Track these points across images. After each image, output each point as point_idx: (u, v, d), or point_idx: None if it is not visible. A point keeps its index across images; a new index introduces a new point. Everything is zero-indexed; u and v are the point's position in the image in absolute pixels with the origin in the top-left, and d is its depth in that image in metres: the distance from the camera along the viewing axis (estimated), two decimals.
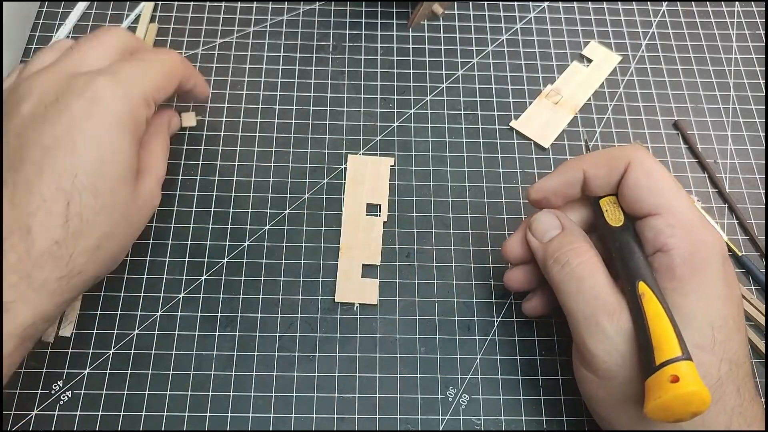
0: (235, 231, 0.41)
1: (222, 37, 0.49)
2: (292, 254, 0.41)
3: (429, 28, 0.50)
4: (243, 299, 0.39)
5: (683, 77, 0.49)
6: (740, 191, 0.44)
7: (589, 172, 0.33)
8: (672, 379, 0.26)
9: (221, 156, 0.44)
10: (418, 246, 0.41)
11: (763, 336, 0.39)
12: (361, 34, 0.49)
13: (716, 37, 0.51)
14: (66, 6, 0.49)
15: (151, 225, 0.41)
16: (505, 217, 0.43)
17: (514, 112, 0.46)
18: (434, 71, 0.48)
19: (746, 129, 0.47)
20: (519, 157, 0.45)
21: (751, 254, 0.42)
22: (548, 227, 0.34)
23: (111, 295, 0.39)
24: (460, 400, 0.37)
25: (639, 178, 0.32)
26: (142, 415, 0.36)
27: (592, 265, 0.31)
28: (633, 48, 0.50)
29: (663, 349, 0.27)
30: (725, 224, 0.43)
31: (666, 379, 0.26)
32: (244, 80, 0.47)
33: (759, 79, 0.49)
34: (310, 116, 0.46)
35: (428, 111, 0.46)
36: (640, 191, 0.32)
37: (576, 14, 0.51)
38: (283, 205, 0.42)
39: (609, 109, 0.47)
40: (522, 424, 0.36)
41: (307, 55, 0.48)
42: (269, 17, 0.50)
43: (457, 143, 0.45)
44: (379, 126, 0.46)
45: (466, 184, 0.44)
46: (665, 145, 0.46)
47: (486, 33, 0.50)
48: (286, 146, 0.44)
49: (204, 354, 0.38)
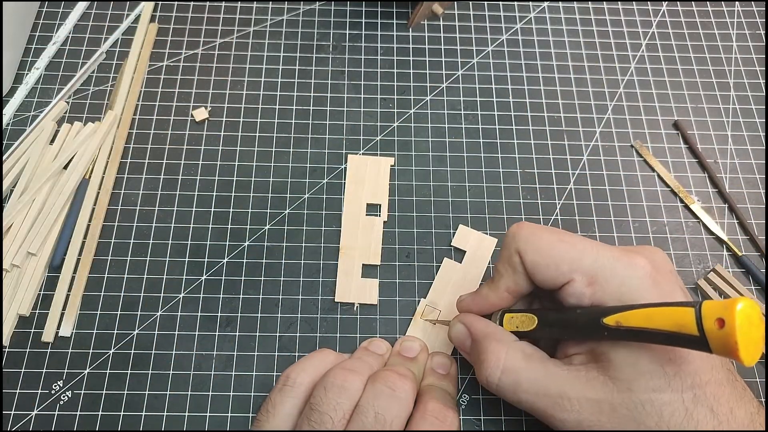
0: (235, 231, 0.41)
1: (222, 37, 0.49)
2: (292, 254, 0.41)
3: (429, 28, 0.50)
4: (243, 299, 0.39)
5: (683, 77, 0.49)
6: (740, 191, 0.44)
7: (510, 287, 0.33)
8: (719, 325, 0.24)
9: (221, 156, 0.44)
10: (418, 246, 0.41)
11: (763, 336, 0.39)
12: (361, 34, 0.49)
13: (716, 37, 0.51)
14: (66, 6, 0.49)
15: (151, 225, 0.41)
16: (505, 217, 0.43)
17: (514, 112, 0.46)
18: (434, 71, 0.48)
19: (746, 129, 0.47)
20: (519, 157, 0.45)
21: (751, 254, 0.42)
22: (462, 337, 0.35)
23: (111, 295, 0.39)
24: (460, 401, 0.37)
25: (534, 262, 0.31)
26: (142, 415, 0.36)
27: (514, 368, 0.31)
28: (633, 48, 0.50)
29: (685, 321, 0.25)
30: (725, 224, 0.43)
31: (716, 329, 0.24)
32: (244, 80, 0.47)
33: (759, 79, 0.49)
34: (310, 116, 0.46)
35: (428, 111, 0.46)
36: (542, 272, 0.31)
37: (576, 14, 0.51)
38: (283, 205, 0.42)
39: (609, 109, 0.47)
40: (522, 424, 0.36)
41: (307, 55, 0.48)
42: (269, 17, 0.50)
43: (457, 143, 0.45)
44: (379, 126, 0.46)
45: (466, 184, 0.44)
46: (665, 145, 0.46)
47: (486, 33, 0.50)
48: (286, 146, 0.44)
49: (204, 354, 0.38)
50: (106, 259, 0.40)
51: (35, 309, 0.39)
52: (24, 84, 0.46)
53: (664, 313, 0.26)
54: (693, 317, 0.25)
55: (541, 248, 0.31)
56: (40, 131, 0.44)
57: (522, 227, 0.33)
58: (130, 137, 0.44)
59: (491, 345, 0.32)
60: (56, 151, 0.43)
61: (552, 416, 0.30)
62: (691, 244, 0.42)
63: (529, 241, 0.32)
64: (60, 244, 0.40)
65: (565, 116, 0.47)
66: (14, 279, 0.39)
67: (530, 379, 0.31)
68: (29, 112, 0.45)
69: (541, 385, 0.30)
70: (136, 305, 0.39)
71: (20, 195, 0.41)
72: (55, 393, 0.36)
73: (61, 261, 0.40)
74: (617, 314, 0.28)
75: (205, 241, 0.41)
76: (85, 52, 0.47)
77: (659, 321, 0.26)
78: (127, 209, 0.42)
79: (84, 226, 0.41)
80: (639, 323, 0.27)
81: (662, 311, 0.26)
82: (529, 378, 0.31)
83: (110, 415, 0.36)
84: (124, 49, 0.48)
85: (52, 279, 0.39)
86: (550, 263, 0.31)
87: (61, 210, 0.41)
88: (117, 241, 0.41)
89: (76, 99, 0.46)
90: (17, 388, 0.36)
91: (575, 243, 0.31)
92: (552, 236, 0.32)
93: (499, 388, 0.31)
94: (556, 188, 0.44)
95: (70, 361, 0.37)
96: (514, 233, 0.33)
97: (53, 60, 0.47)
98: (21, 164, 0.42)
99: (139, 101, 0.46)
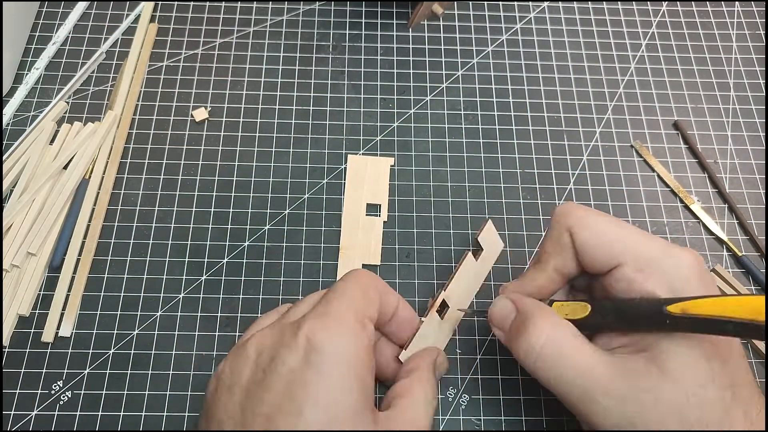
0: (235, 231, 0.41)
1: (222, 37, 0.49)
2: (292, 254, 0.41)
3: (429, 28, 0.50)
4: (243, 299, 0.39)
5: (683, 77, 0.49)
6: (740, 191, 0.44)
7: (558, 266, 0.32)
8: None
9: (221, 156, 0.44)
10: (418, 246, 0.41)
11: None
12: (361, 34, 0.49)
13: (716, 37, 0.51)
14: (66, 6, 0.49)
15: (151, 225, 0.41)
16: (505, 217, 0.43)
17: (514, 112, 0.46)
18: (434, 71, 0.48)
19: (746, 129, 0.47)
20: (519, 157, 0.45)
21: (751, 254, 0.42)
22: (505, 313, 0.33)
23: (111, 295, 0.39)
24: (460, 400, 0.37)
25: (586, 241, 0.31)
26: (142, 415, 0.36)
27: (558, 341, 0.30)
28: (633, 48, 0.50)
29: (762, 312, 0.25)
30: (725, 224, 0.43)
31: None
32: (244, 80, 0.47)
33: (759, 79, 0.49)
34: (310, 116, 0.46)
35: (428, 111, 0.46)
36: (592, 253, 0.31)
37: (576, 14, 0.51)
38: (283, 205, 0.42)
39: (609, 109, 0.47)
40: (522, 424, 0.36)
41: (307, 55, 0.48)
42: (269, 17, 0.50)
43: (457, 143, 0.45)
44: (379, 126, 0.46)
45: (466, 184, 0.44)
46: (665, 145, 0.46)
47: (486, 33, 0.50)
48: (286, 146, 0.44)
49: (204, 354, 0.38)
50: (106, 259, 0.40)
51: (35, 309, 0.39)
52: (24, 84, 0.46)
53: (740, 302, 0.26)
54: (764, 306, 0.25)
55: (594, 229, 0.31)
56: (40, 131, 0.44)
57: (573, 207, 0.32)
58: (130, 137, 0.44)
59: (537, 315, 0.31)
60: (56, 151, 0.43)
61: (591, 400, 0.29)
62: (691, 244, 0.42)
63: (582, 221, 0.32)
64: (60, 244, 0.40)
65: (565, 116, 0.47)
66: (14, 279, 0.39)
67: (574, 354, 0.29)
68: (29, 112, 0.45)
69: (584, 362, 0.29)
70: (136, 305, 0.39)
71: (20, 195, 0.41)
72: (55, 393, 0.36)
73: (61, 261, 0.40)
74: (685, 302, 0.27)
75: (205, 242, 0.41)
76: (85, 52, 0.47)
77: (734, 309, 0.26)
78: (127, 209, 0.42)
79: (84, 226, 0.41)
80: (710, 311, 0.26)
81: (737, 300, 0.26)
82: (573, 353, 0.29)
83: (110, 415, 0.36)
84: (124, 49, 0.48)
85: (52, 279, 0.39)
86: (604, 244, 0.31)
87: (61, 210, 0.41)
88: (117, 241, 0.41)
89: (76, 99, 0.46)
90: (17, 388, 0.36)
91: (627, 227, 0.31)
92: (605, 218, 0.32)
93: (539, 360, 0.30)
94: (556, 188, 0.44)
95: (70, 361, 0.37)
96: (565, 212, 0.32)
97: (53, 60, 0.47)
98: (21, 164, 0.42)
99: (139, 101, 0.46)
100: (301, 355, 0.27)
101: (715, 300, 0.27)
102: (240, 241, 0.41)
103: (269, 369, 0.27)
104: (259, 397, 0.27)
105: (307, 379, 0.26)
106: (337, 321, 0.28)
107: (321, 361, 0.27)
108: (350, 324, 0.28)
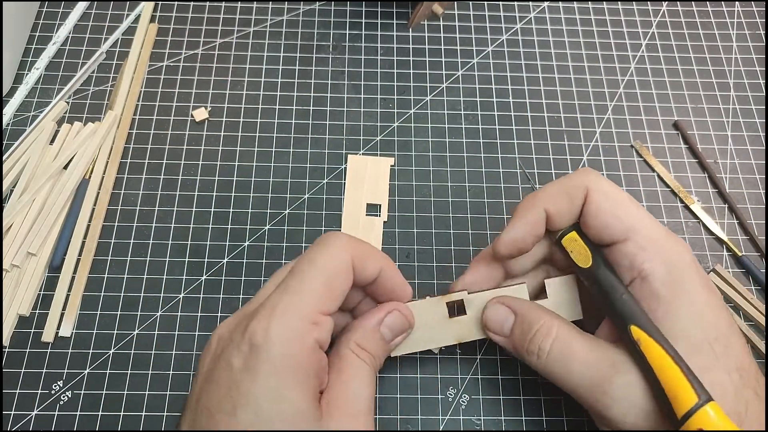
0: (235, 231, 0.41)
1: (222, 37, 0.49)
2: (293, 254, 0.41)
3: (429, 28, 0.50)
4: (243, 299, 0.39)
5: (683, 77, 0.49)
6: (740, 191, 0.44)
7: (551, 209, 0.32)
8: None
9: (221, 156, 0.44)
10: (418, 246, 0.41)
11: (763, 336, 0.39)
12: (361, 34, 0.49)
13: (716, 37, 0.51)
14: (66, 6, 0.49)
15: (151, 225, 0.41)
16: (505, 217, 0.43)
17: (514, 112, 0.46)
18: (434, 71, 0.48)
19: (746, 129, 0.47)
20: (519, 157, 0.45)
21: (751, 254, 0.42)
22: (501, 318, 0.33)
23: (111, 295, 0.39)
24: (460, 400, 0.37)
25: (601, 204, 0.31)
26: (142, 415, 0.36)
27: (565, 337, 0.30)
28: (633, 48, 0.50)
29: (680, 399, 0.26)
30: (725, 224, 0.43)
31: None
32: (244, 80, 0.47)
33: (759, 79, 0.49)
34: (310, 116, 0.46)
35: (428, 111, 0.46)
36: (605, 218, 0.31)
37: (576, 14, 0.51)
38: (283, 205, 0.42)
39: (609, 109, 0.47)
40: (522, 424, 0.36)
41: (307, 55, 0.48)
42: (269, 17, 0.50)
43: (457, 143, 0.45)
44: (379, 126, 0.46)
45: (466, 184, 0.44)
46: (665, 145, 0.46)
47: (486, 33, 0.50)
48: (286, 146, 0.44)
49: None
50: (106, 259, 0.40)
51: (35, 309, 0.39)
52: (24, 84, 0.46)
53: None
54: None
55: (612, 196, 0.31)
56: (40, 131, 0.44)
57: (596, 172, 0.32)
58: (130, 137, 0.44)
59: (541, 315, 0.31)
60: (56, 151, 0.43)
61: (604, 393, 0.29)
62: (691, 244, 0.42)
63: (603, 184, 0.32)
64: (60, 244, 0.40)
65: (565, 116, 0.47)
66: (14, 279, 0.39)
67: (584, 348, 0.30)
68: (29, 112, 0.45)
69: (594, 355, 0.30)
70: (136, 305, 0.39)
71: (20, 195, 0.41)
72: (55, 393, 0.36)
73: (61, 261, 0.40)
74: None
75: (205, 242, 0.41)
76: (85, 52, 0.47)
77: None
78: (127, 209, 0.42)
79: (84, 226, 0.41)
80: None
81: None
82: (583, 347, 0.30)
83: (110, 415, 0.36)
84: (124, 49, 0.48)
85: (52, 279, 0.39)
86: (618, 213, 0.31)
87: (61, 210, 0.41)
88: (117, 241, 0.41)
89: (76, 99, 0.46)
90: (17, 388, 0.36)
91: (640, 206, 0.32)
92: (622, 191, 0.32)
93: (549, 360, 0.30)
94: None
95: (70, 361, 0.37)
96: (588, 171, 0.32)
97: (53, 60, 0.47)
98: (21, 164, 0.42)
99: (139, 101, 0.46)
100: (243, 356, 0.27)
101: None
102: (240, 241, 0.41)
103: (218, 364, 0.28)
104: (207, 390, 0.28)
105: (243, 380, 0.27)
106: (282, 321, 0.27)
107: (258, 364, 0.26)
108: (296, 325, 0.27)
